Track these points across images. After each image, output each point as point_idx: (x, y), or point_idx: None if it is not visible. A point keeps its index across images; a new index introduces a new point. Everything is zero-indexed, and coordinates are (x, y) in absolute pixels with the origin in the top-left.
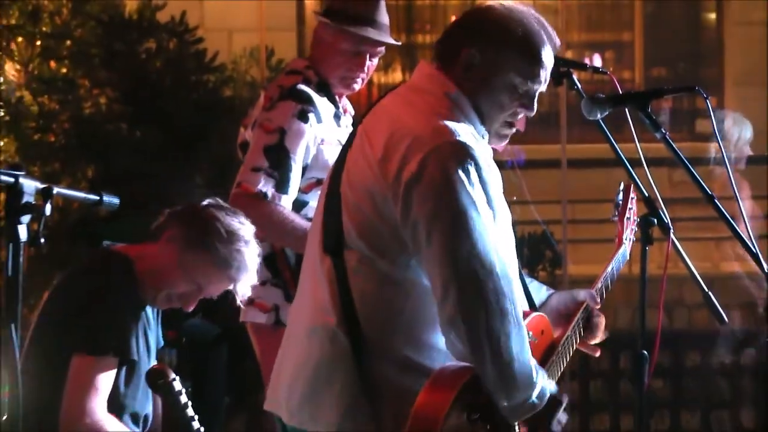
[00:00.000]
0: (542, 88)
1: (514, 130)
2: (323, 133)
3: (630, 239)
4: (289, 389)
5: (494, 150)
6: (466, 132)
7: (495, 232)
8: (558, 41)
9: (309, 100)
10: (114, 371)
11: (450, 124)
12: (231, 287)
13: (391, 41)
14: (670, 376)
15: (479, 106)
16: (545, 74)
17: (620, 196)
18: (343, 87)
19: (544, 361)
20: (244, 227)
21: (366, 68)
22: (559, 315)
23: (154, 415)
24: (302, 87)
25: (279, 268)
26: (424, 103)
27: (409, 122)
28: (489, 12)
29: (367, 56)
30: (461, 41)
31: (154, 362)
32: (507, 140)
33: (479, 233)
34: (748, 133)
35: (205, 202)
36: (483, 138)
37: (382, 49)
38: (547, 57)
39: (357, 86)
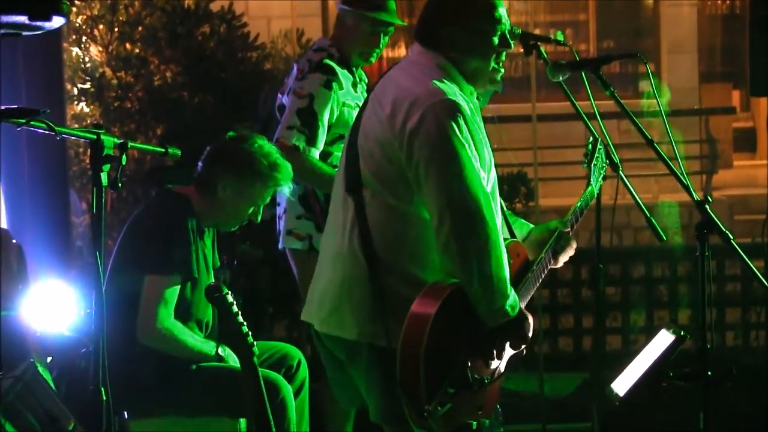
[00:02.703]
0: (507, 25)
1: (503, 71)
2: (344, 97)
3: (598, 182)
4: (320, 302)
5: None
6: (454, 91)
7: (480, 171)
8: None
9: (333, 72)
10: (179, 286)
11: (441, 86)
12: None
13: (400, 22)
14: (621, 283)
15: (468, 68)
16: (504, 12)
17: (589, 147)
18: (363, 60)
19: (519, 278)
20: (264, 141)
21: (380, 45)
22: (537, 243)
23: (213, 322)
24: (327, 61)
25: (311, 204)
26: (420, 72)
27: (409, 86)
28: None
29: (381, 35)
30: (438, 23)
31: (212, 279)
32: (500, 81)
33: (468, 171)
34: None
35: (228, 138)
36: (472, 95)
37: (393, 28)
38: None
39: (373, 59)
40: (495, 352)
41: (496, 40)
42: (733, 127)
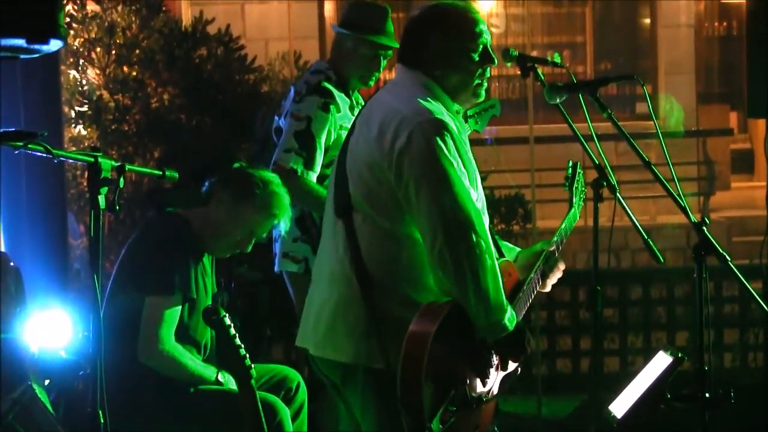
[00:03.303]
0: (489, 38)
1: (486, 85)
2: (341, 120)
3: (579, 204)
4: (315, 326)
5: (475, 131)
6: (440, 110)
7: (469, 188)
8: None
9: (330, 95)
10: (179, 308)
11: (427, 105)
12: (275, 224)
13: (397, 45)
14: (619, 305)
15: (451, 85)
16: (484, 27)
17: (569, 171)
18: (362, 83)
19: (512, 297)
20: (273, 176)
21: (379, 68)
22: (525, 267)
23: (211, 344)
24: (325, 84)
25: (308, 227)
26: (405, 92)
27: (396, 107)
28: (427, 15)
29: (380, 58)
30: (419, 42)
31: (209, 302)
32: (483, 95)
33: (458, 187)
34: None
35: (236, 166)
36: (458, 113)
37: (391, 52)
38: (478, 15)
39: (371, 83)
40: (495, 366)
41: (476, 55)
42: (731, 149)
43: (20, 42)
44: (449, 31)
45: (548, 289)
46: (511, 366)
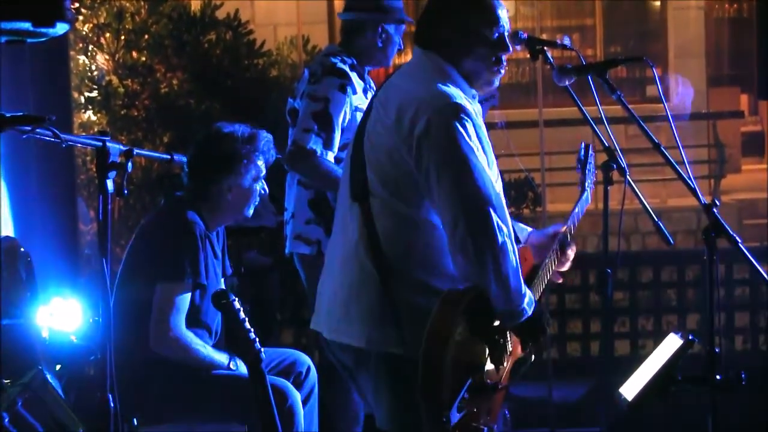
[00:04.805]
0: (507, 25)
1: (501, 73)
2: (357, 102)
3: (590, 187)
4: (328, 309)
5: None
6: (458, 94)
7: (488, 172)
8: None
9: (347, 76)
10: (189, 294)
11: (445, 89)
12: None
13: (411, 19)
14: (629, 288)
15: (466, 70)
16: (504, 13)
17: (581, 153)
18: (384, 62)
19: (528, 282)
20: (237, 125)
21: (401, 43)
22: (537, 248)
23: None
24: (341, 66)
25: (323, 209)
26: (422, 76)
27: (413, 91)
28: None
29: (399, 36)
30: (437, 25)
31: (221, 287)
32: (497, 82)
33: (479, 173)
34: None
35: (203, 136)
36: (474, 98)
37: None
38: (498, 1)
39: (390, 62)
40: (509, 353)
41: (493, 42)
42: (742, 131)
43: (26, 26)
44: (468, 17)
45: (560, 280)
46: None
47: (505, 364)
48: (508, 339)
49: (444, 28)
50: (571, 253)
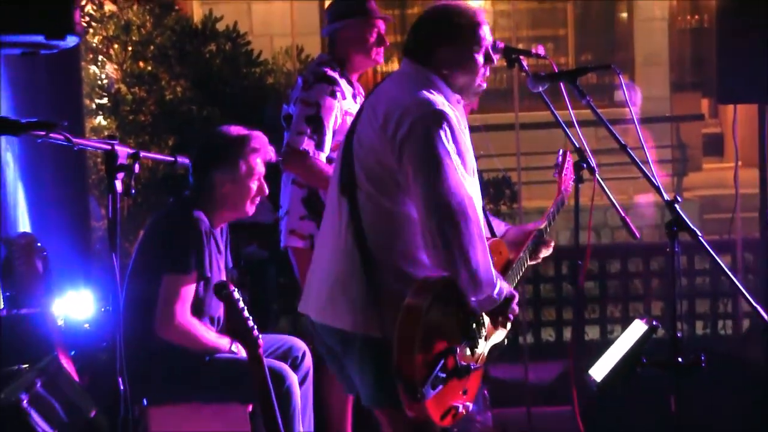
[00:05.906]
0: (490, 39)
1: (485, 85)
2: (346, 106)
3: (566, 190)
4: (317, 294)
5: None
6: (441, 101)
7: (464, 175)
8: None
9: (336, 83)
10: (194, 285)
11: (429, 96)
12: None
13: (387, 17)
14: (599, 278)
15: (459, 84)
16: (487, 30)
17: (559, 159)
18: (375, 61)
19: (502, 274)
20: (233, 127)
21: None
22: (514, 243)
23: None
24: (331, 73)
25: (315, 205)
26: (410, 84)
27: (400, 98)
28: (436, 18)
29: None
30: (433, 44)
31: (223, 278)
32: (481, 93)
33: (452, 174)
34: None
35: (203, 138)
36: (459, 102)
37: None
38: (483, 20)
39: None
40: (484, 337)
41: (481, 57)
42: (703, 133)
43: (39, 38)
44: (458, 36)
45: (539, 260)
46: (499, 336)
47: (479, 347)
48: (483, 324)
49: (439, 46)
50: (545, 249)
